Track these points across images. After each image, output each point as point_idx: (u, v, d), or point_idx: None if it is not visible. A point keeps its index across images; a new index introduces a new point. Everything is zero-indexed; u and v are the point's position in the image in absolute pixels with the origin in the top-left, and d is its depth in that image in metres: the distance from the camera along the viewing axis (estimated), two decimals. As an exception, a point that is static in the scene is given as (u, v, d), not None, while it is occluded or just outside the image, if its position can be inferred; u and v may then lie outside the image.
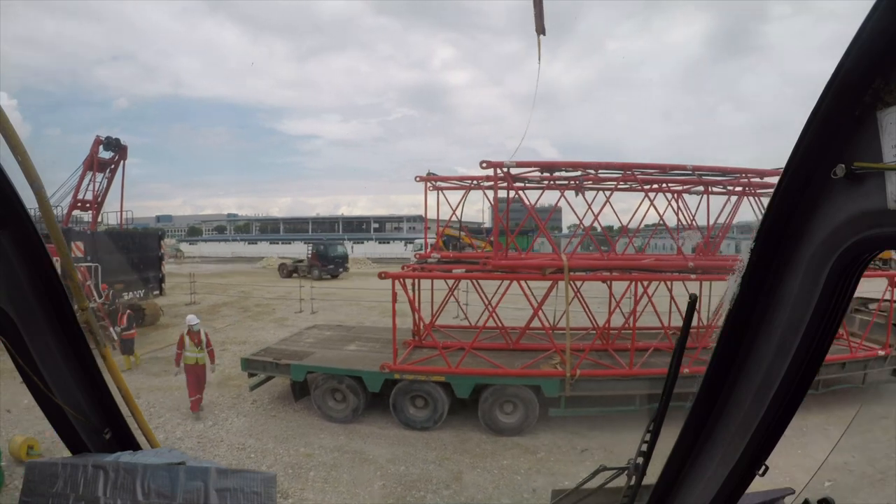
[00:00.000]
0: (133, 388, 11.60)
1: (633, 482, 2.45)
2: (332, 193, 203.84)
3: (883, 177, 1.24)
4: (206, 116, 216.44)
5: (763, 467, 1.92)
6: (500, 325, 13.26)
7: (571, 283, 12.02)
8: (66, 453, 2.21)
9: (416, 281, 12.69)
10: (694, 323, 13.83)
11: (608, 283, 12.27)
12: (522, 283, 11.70)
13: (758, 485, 2.03)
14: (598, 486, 2.65)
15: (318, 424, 11.25)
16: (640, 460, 2.42)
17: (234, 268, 55.74)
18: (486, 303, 13.00)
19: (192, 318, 12.22)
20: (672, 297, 13.79)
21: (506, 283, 11.90)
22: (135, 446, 2.40)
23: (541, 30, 7.92)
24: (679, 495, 2.27)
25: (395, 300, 10.99)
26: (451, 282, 13.42)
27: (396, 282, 11.04)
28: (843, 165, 1.30)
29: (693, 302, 2.19)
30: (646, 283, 11.83)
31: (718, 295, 12.21)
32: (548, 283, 11.67)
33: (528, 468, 9.41)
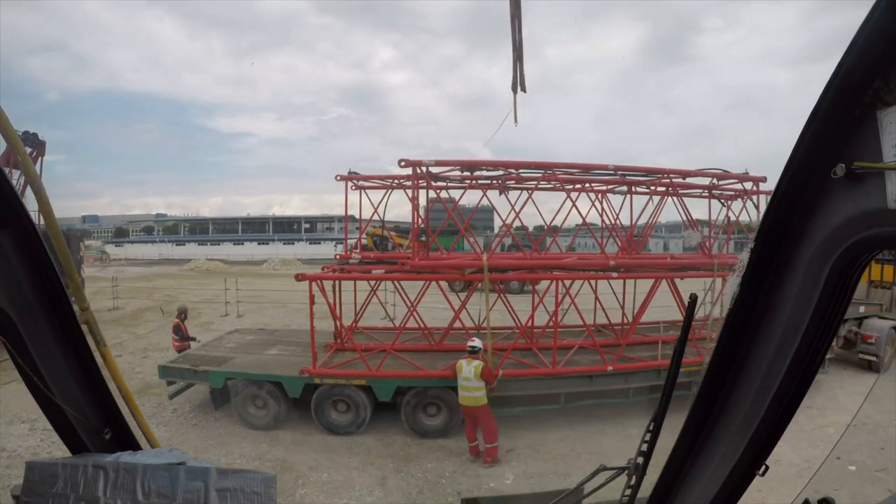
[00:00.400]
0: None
1: (633, 482, 2.43)
2: (265, 193, 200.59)
3: (883, 177, 1.26)
4: (140, 112, 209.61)
5: (763, 467, 1.93)
6: (421, 325, 13.21)
7: (493, 282, 12.00)
8: (67, 453, 2.21)
9: (337, 282, 12.44)
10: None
11: (532, 282, 12.24)
12: (442, 283, 11.63)
13: (757, 484, 2.03)
14: (597, 486, 2.62)
15: (240, 432, 10.78)
16: (640, 460, 2.40)
17: (161, 270, 54.20)
18: (408, 303, 12.83)
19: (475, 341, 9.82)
20: (596, 296, 13.90)
21: (429, 284, 11.71)
22: (135, 446, 2.42)
23: (519, 88, 7.86)
24: (679, 495, 2.28)
25: (312, 302, 10.70)
26: (374, 282, 13.24)
27: (314, 284, 10.77)
28: (843, 165, 1.33)
29: (693, 301, 2.17)
30: (568, 282, 11.82)
31: (641, 293, 12.36)
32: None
33: (454, 471, 9.29)
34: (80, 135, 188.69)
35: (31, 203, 1.99)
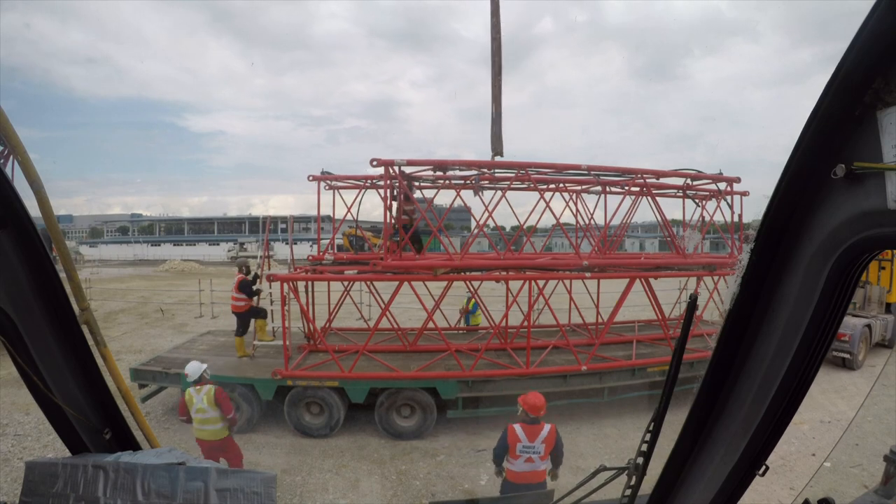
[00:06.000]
0: (9, 404, 10.70)
1: (633, 482, 2.43)
2: (250, 193, 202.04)
3: (883, 177, 1.27)
4: (158, 119, 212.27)
5: (763, 467, 1.94)
6: (395, 326, 13.19)
7: (469, 283, 11.92)
8: (67, 453, 2.20)
9: (310, 283, 12.44)
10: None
11: (506, 282, 12.17)
12: (417, 283, 11.55)
13: (756, 485, 2.04)
14: (597, 486, 2.63)
15: (212, 435, 10.66)
16: (640, 460, 2.40)
17: (136, 271, 53.63)
18: (381, 304, 12.69)
19: (192, 367, 8.52)
20: (570, 296, 13.91)
21: (402, 285, 11.58)
22: (135, 446, 2.41)
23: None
24: (679, 495, 2.30)
25: (283, 303, 10.56)
26: (347, 283, 13.13)
27: (286, 284, 10.63)
28: (843, 165, 1.33)
29: (693, 301, 2.18)
30: (542, 282, 11.86)
31: (616, 292, 12.35)
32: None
33: (428, 472, 9.22)
34: (78, 135, 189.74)
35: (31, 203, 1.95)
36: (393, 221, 11.17)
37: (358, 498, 8.49)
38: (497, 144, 10.72)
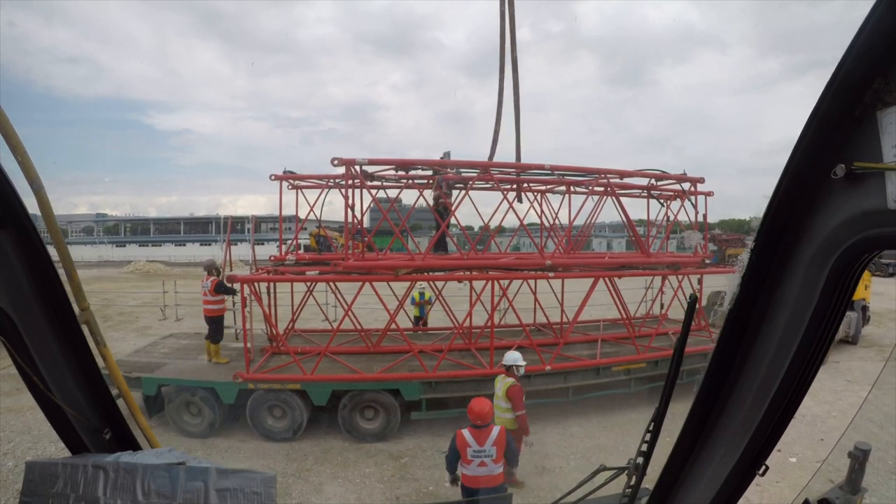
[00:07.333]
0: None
1: (632, 482, 2.46)
2: (218, 193, 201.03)
3: (883, 177, 1.27)
4: (133, 118, 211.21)
5: (763, 467, 1.95)
6: (357, 327, 13.12)
7: (432, 283, 11.80)
8: (67, 453, 2.20)
9: (272, 284, 12.21)
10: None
11: (469, 282, 12.12)
12: (381, 284, 11.48)
13: (755, 485, 2.05)
14: (597, 486, 2.67)
15: (175, 441, 10.20)
16: (640, 460, 2.43)
17: (100, 273, 52.49)
18: (344, 305, 12.56)
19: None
20: (535, 296, 13.91)
21: (364, 285, 11.46)
22: (135, 446, 2.41)
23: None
24: (679, 495, 2.30)
25: (244, 305, 10.51)
26: (310, 284, 13.02)
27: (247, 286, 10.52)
28: (843, 165, 1.33)
29: (693, 302, 2.18)
30: (505, 282, 11.81)
31: (582, 291, 12.36)
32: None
33: (392, 475, 9.15)
34: (53, 132, 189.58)
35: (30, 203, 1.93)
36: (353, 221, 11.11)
37: (322, 502, 8.40)
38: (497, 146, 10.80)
